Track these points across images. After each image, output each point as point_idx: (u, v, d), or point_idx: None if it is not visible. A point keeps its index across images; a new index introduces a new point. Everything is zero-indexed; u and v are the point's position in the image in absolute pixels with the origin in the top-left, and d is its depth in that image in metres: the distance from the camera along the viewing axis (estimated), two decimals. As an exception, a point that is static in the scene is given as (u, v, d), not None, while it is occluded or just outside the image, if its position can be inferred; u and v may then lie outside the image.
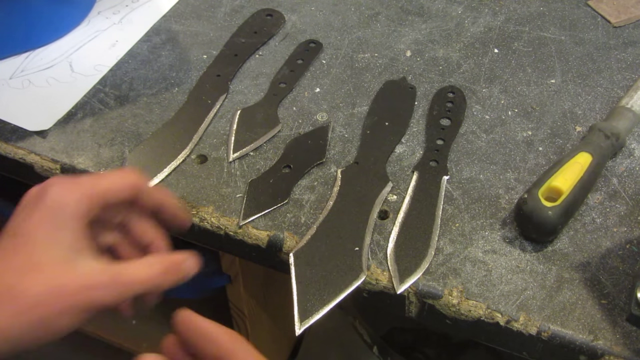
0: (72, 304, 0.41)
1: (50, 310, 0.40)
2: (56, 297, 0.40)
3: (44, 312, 0.40)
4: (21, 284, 0.40)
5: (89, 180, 0.45)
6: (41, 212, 0.42)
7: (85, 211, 0.43)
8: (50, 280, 0.40)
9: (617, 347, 0.47)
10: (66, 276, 0.41)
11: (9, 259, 0.41)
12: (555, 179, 0.53)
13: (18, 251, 0.41)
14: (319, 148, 0.61)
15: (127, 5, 0.79)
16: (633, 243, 0.53)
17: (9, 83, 0.68)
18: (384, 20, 0.76)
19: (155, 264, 0.45)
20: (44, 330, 0.40)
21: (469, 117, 0.65)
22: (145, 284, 0.44)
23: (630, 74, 0.69)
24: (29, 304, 0.39)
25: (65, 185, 0.44)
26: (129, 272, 0.44)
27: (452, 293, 0.50)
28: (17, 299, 0.39)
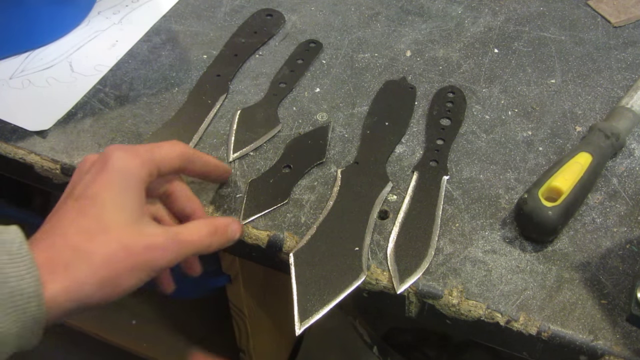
0: (138, 264, 0.43)
1: (118, 270, 0.42)
2: (123, 257, 0.42)
3: (113, 272, 0.42)
4: (91, 245, 0.42)
5: (146, 148, 0.48)
6: (107, 175, 0.45)
7: (145, 177, 0.46)
8: (118, 242, 0.43)
9: (617, 347, 0.47)
10: (132, 237, 0.43)
11: (78, 221, 0.43)
12: (555, 179, 0.53)
13: (86, 213, 0.43)
14: (319, 148, 0.61)
15: (127, 5, 0.79)
16: (633, 243, 0.53)
17: (9, 83, 0.68)
18: (384, 20, 0.76)
19: (204, 226, 0.48)
20: (111, 289, 0.42)
21: (469, 117, 0.65)
22: (198, 245, 0.47)
23: (630, 74, 0.69)
24: (99, 264, 0.41)
25: (127, 151, 0.46)
26: (184, 234, 0.46)
27: (452, 293, 0.50)
28: (88, 260, 0.41)
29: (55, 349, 1.12)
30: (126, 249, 0.43)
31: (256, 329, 0.89)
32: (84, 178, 0.46)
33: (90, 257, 0.42)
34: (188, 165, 0.51)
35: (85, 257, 0.42)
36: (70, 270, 0.41)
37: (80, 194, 0.45)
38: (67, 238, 0.42)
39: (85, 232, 0.42)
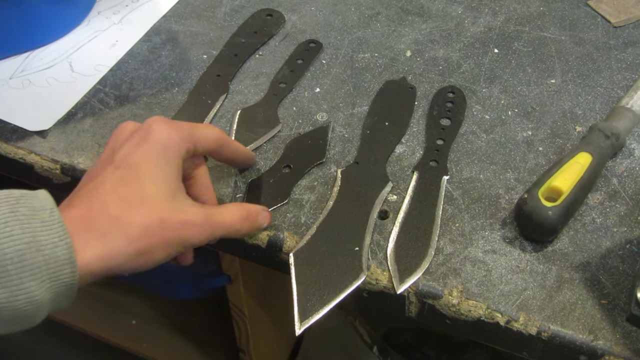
0: (172, 239, 0.44)
1: (153, 243, 0.43)
2: (159, 231, 0.43)
3: (147, 244, 0.42)
4: (130, 215, 0.42)
5: (187, 125, 0.48)
6: (148, 146, 0.45)
7: (184, 153, 0.47)
8: (156, 214, 0.43)
9: (617, 347, 0.47)
10: (169, 212, 0.44)
11: (118, 190, 0.43)
12: (555, 179, 0.53)
13: (126, 182, 0.44)
14: (319, 148, 0.61)
15: (127, 5, 0.79)
16: (633, 243, 0.53)
17: (9, 83, 0.68)
18: (384, 20, 0.76)
19: (237, 210, 0.49)
20: (143, 260, 0.43)
21: (469, 117, 0.65)
22: (229, 228, 0.48)
23: (630, 74, 0.69)
24: (135, 235, 0.42)
25: (169, 125, 0.47)
26: (218, 215, 0.47)
27: (452, 293, 0.50)
28: (125, 230, 0.42)
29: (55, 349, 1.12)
30: (162, 222, 0.43)
31: (256, 329, 0.89)
32: (124, 145, 0.46)
33: (128, 227, 0.42)
34: (220, 150, 0.51)
35: (123, 226, 0.42)
36: (106, 239, 0.41)
37: (121, 162, 0.45)
38: (106, 206, 0.42)
39: (125, 201, 0.43)
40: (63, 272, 0.39)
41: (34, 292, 0.38)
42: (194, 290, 0.87)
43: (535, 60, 0.71)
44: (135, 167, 0.44)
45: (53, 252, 0.39)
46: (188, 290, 0.88)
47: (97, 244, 0.41)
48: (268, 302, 0.90)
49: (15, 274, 0.37)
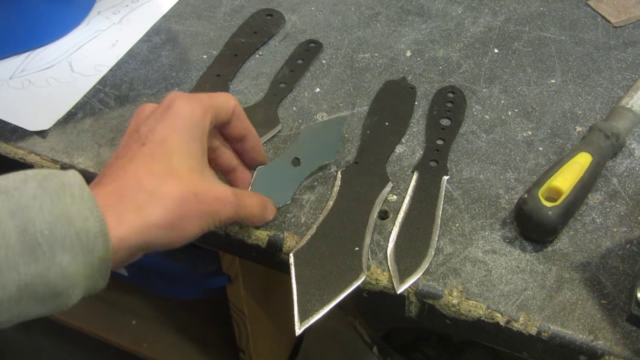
0: (206, 212, 0.44)
1: (187, 215, 0.43)
2: (195, 204, 0.43)
3: (182, 216, 0.42)
4: (164, 187, 0.42)
5: (206, 95, 0.48)
6: (172, 121, 0.45)
7: (208, 125, 0.47)
8: (189, 187, 0.43)
9: (617, 347, 0.47)
10: (201, 186, 0.44)
11: (149, 164, 0.43)
12: (555, 179, 0.53)
13: (155, 157, 0.43)
14: (330, 146, 0.58)
15: (127, 5, 0.79)
16: (633, 243, 0.53)
17: (9, 83, 0.68)
18: (384, 20, 0.76)
19: (255, 196, 0.51)
20: (178, 233, 0.43)
21: (469, 117, 0.65)
22: (250, 212, 0.49)
23: (630, 74, 0.69)
24: (171, 207, 0.42)
25: (190, 99, 0.46)
26: (245, 197, 0.48)
27: (452, 293, 0.50)
28: (161, 202, 0.42)
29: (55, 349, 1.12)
30: (197, 196, 0.43)
31: (256, 329, 0.89)
32: (147, 122, 0.46)
33: (164, 199, 0.42)
34: (235, 122, 0.50)
35: (159, 199, 0.42)
36: (142, 211, 0.41)
37: (147, 138, 0.44)
38: (139, 180, 0.42)
39: (158, 175, 0.43)
40: (96, 245, 0.39)
41: (67, 265, 0.37)
42: (194, 290, 0.87)
43: (535, 60, 0.71)
44: (163, 143, 0.44)
45: (84, 225, 0.38)
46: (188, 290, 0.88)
47: (132, 216, 0.41)
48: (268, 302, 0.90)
49: (47, 246, 0.37)
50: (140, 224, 0.41)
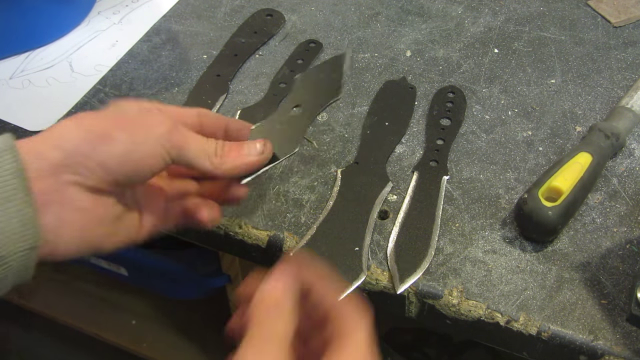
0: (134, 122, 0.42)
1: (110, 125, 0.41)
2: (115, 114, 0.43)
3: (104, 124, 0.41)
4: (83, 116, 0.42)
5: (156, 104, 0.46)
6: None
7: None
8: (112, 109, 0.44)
9: (617, 347, 0.47)
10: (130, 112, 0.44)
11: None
12: (555, 179, 0.53)
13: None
14: (333, 83, 0.52)
15: (127, 5, 0.79)
16: (633, 243, 0.53)
17: (9, 83, 0.68)
18: (384, 20, 0.76)
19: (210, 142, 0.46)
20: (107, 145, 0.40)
21: (469, 117, 0.65)
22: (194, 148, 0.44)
23: (630, 74, 0.68)
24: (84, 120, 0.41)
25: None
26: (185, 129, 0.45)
27: (452, 293, 0.50)
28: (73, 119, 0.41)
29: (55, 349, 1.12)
30: (116, 111, 0.43)
31: (256, 329, 0.89)
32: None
33: (75, 117, 0.41)
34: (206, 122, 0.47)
35: (69, 119, 0.41)
36: (54, 127, 0.40)
37: None
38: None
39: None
40: (4, 159, 0.38)
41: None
42: (194, 290, 0.87)
43: (535, 60, 0.71)
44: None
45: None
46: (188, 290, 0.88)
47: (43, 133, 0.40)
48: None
49: None
50: (49, 132, 0.39)
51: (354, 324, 0.39)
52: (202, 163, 0.44)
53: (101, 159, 0.39)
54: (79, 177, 0.39)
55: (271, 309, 0.39)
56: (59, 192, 0.39)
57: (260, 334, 0.38)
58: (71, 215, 0.39)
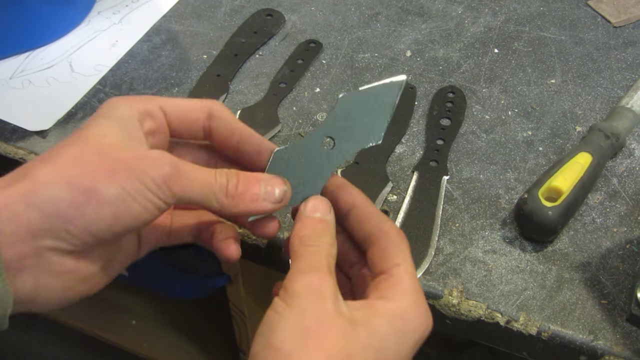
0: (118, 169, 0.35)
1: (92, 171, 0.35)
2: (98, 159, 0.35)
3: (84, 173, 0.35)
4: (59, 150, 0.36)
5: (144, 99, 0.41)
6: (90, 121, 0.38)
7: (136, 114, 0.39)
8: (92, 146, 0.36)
9: (617, 347, 0.47)
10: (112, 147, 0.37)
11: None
12: (555, 179, 0.53)
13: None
14: (377, 121, 0.42)
15: (127, 5, 0.79)
16: (633, 243, 0.53)
17: (9, 83, 0.68)
18: (384, 20, 0.76)
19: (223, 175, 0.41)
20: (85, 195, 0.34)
21: (469, 117, 0.65)
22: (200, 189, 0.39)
23: (630, 74, 0.69)
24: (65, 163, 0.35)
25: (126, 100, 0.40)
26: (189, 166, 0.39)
27: (452, 293, 0.50)
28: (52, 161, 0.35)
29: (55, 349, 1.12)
30: (101, 151, 0.35)
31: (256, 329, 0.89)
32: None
33: (55, 158, 0.35)
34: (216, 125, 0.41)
35: (50, 160, 0.35)
36: (30, 175, 0.34)
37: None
38: (32, 162, 0.36)
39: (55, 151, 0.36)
40: None
41: None
42: (194, 290, 0.87)
43: (535, 60, 0.71)
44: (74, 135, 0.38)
45: None
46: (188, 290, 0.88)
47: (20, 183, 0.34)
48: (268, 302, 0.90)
49: None
50: (27, 186, 0.34)
51: (399, 251, 0.38)
52: (208, 204, 0.38)
53: (87, 223, 0.34)
54: (59, 243, 0.34)
55: (315, 231, 0.38)
56: (36, 257, 0.34)
57: (306, 259, 0.37)
58: (50, 279, 0.35)
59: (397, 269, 0.38)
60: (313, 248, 0.38)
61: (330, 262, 0.37)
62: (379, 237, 0.39)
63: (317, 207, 0.40)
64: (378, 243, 0.39)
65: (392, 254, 0.39)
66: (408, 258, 0.39)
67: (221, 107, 0.42)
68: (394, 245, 0.39)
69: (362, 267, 0.42)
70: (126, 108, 0.39)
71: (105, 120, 0.38)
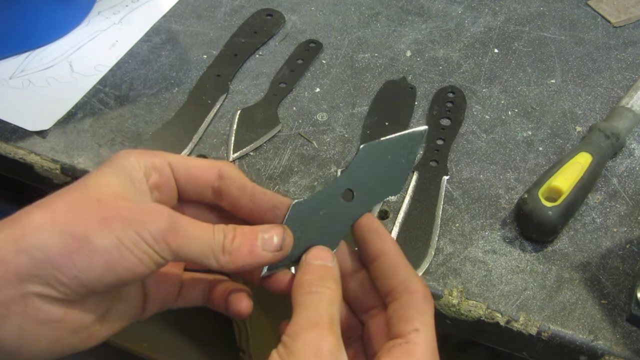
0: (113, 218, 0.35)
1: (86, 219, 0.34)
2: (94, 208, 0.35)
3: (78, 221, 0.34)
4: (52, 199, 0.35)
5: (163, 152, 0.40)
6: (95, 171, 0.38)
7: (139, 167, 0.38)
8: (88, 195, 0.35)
9: (617, 347, 0.47)
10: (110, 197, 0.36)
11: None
12: (556, 179, 0.53)
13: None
14: (397, 172, 0.43)
15: (127, 5, 0.79)
16: (633, 243, 0.53)
17: (9, 83, 0.68)
18: (384, 20, 0.76)
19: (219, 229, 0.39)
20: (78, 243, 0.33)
21: (469, 117, 0.65)
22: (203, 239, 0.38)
23: (630, 74, 0.68)
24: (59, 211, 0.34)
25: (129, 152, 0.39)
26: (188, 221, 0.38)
27: (452, 293, 0.50)
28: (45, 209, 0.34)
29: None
30: (99, 200, 0.34)
31: (256, 330, 0.89)
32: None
33: (51, 205, 0.34)
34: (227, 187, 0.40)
35: (45, 206, 0.34)
36: (22, 220, 0.33)
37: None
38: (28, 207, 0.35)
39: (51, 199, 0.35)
40: None
41: None
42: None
43: (535, 60, 0.71)
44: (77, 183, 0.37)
45: None
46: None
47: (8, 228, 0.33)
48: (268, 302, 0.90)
49: None
50: (17, 231, 0.33)
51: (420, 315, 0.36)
52: (206, 262, 0.36)
53: (77, 272, 0.33)
54: (47, 289, 0.33)
55: (318, 276, 0.37)
56: (23, 303, 0.33)
57: (307, 310, 0.35)
58: (36, 328, 0.34)
59: (414, 336, 0.36)
60: (315, 296, 0.36)
61: (332, 313, 0.35)
62: (403, 295, 0.37)
63: (319, 255, 0.39)
64: (400, 301, 0.37)
65: (412, 317, 0.36)
66: (429, 324, 0.36)
67: (231, 167, 0.41)
68: (416, 308, 0.36)
69: (379, 312, 0.39)
70: (133, 160, 0.38)
71: (109, 169, 0.37)
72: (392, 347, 0.35)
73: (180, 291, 0.42)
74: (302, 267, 0.39)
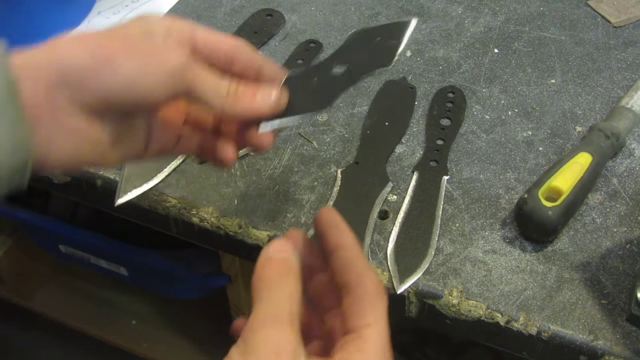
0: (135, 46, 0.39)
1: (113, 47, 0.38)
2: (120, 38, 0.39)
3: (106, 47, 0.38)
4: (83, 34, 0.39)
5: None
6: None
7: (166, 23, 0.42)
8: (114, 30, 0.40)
9: (617, 347, 0.47)
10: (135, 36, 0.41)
11: None
12: (555, 179, 0.53)
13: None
14: (387, 50, 0.44)
15: (127, 5, 0.79)
16: (633, 243, 0.53)
17: (9, 83, 0.68)
18: (384, 20, 0.76)
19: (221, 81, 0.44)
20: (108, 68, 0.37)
21: (469, 117, 0.65)
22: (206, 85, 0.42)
23: (630, 74, 0.68)
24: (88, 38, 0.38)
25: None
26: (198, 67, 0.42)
27: (452, 293, 0.50)
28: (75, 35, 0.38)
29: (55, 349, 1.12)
30: (125, 36, 0.39)
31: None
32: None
33: (80, 35, 0.38)
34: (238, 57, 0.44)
35: (74, 35, 0.38)
36: (53, 42, 0.37)
37: None
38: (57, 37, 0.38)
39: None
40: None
41: None
42: (194, 290, 0.87)
43: (535, 60, 0.71)
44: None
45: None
46: (188, 290, 0.88)
47: (42, 47, 0.38)
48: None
49: None
50: (49, 49, 0.37)
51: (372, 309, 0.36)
52: (211, 101, 0.41)
53: (102, 83, 0.37)
54: (75, 96, 0.37)
55: (277, 271, 0.38)
56: (52, 110, 0.36)
57: (266, 305, 0.35)
58: (63, 135, 0.37)
59: (367, 330, 0.35)
60: (274, 291, 0.36)
61: (292, 309, 0.35)
62: (356, 288, 0.37)
63: (279, 248, 0.39)
64: (354, 295, 0.36)
65: (364, 312, 0.35)
66: (381, 318, 0.36)
67: (245, 46, 0.44)
68: (369, 302, 0.36)
69: (338, 315, 0.38)
70: (157, 17, 0.42)
71: (132, 22, 0.41)
72: (346, 342, 0.35)
73: (179, 141, 0.46)
74: (262, 260, 0.39)
